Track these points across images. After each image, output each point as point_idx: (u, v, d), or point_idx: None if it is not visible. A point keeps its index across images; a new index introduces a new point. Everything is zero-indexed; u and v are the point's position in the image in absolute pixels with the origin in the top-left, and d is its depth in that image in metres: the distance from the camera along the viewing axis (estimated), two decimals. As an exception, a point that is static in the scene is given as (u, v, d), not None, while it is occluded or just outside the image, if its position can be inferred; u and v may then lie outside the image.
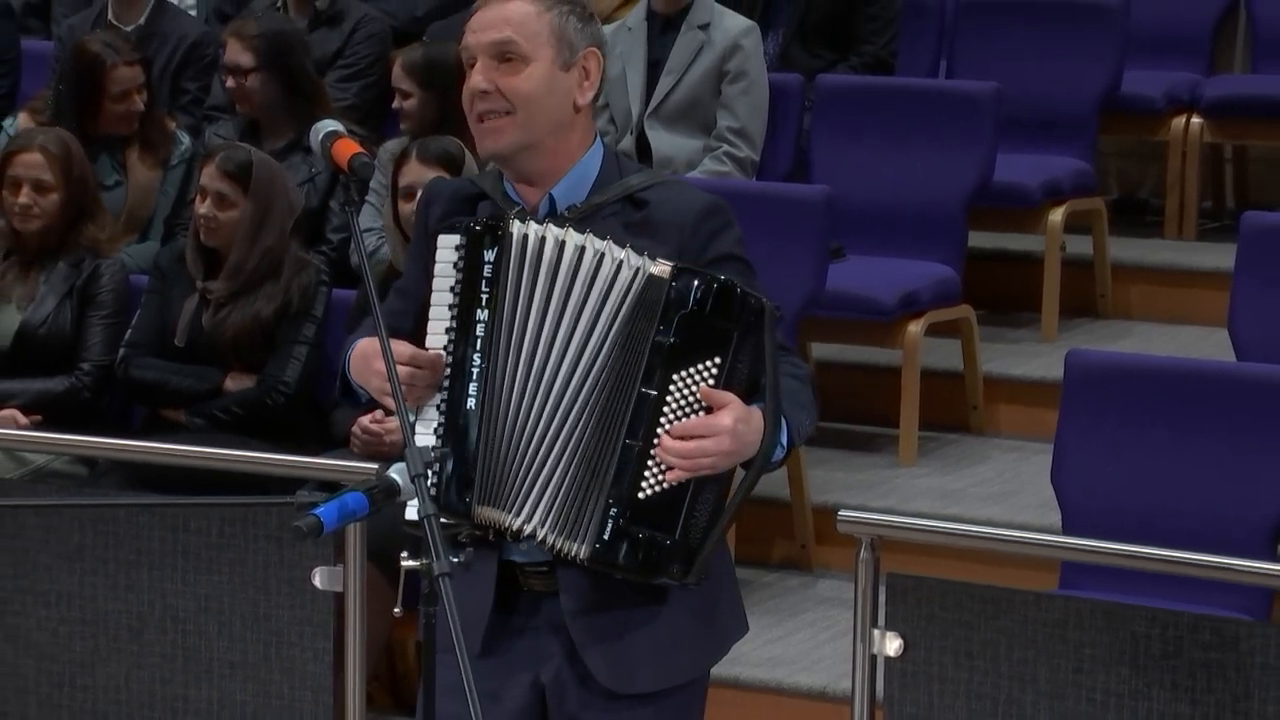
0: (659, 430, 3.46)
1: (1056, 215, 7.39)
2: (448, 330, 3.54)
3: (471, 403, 3.51)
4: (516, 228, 3.52)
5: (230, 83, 7.08)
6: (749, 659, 5.75)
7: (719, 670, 5.51)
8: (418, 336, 3.58)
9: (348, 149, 3.54)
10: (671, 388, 3.46)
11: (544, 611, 3.62)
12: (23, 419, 6.17)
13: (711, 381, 3.46)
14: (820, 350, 7.19)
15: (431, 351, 3.53)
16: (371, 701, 4.99)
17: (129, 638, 4.94)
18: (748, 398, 3.50)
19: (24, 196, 6.33)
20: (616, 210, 3.60)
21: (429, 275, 3.60)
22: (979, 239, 7.40)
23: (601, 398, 3.49)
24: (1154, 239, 8.05)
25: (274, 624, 4.82)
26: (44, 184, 6.36)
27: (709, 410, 3.45)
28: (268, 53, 7.00)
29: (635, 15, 7.39)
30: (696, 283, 3.46)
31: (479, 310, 3.52)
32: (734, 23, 7.29)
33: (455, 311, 3.53)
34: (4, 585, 5.02)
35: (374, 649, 5.31)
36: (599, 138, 3.68)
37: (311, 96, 7.01)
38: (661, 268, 3.47)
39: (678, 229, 3.57)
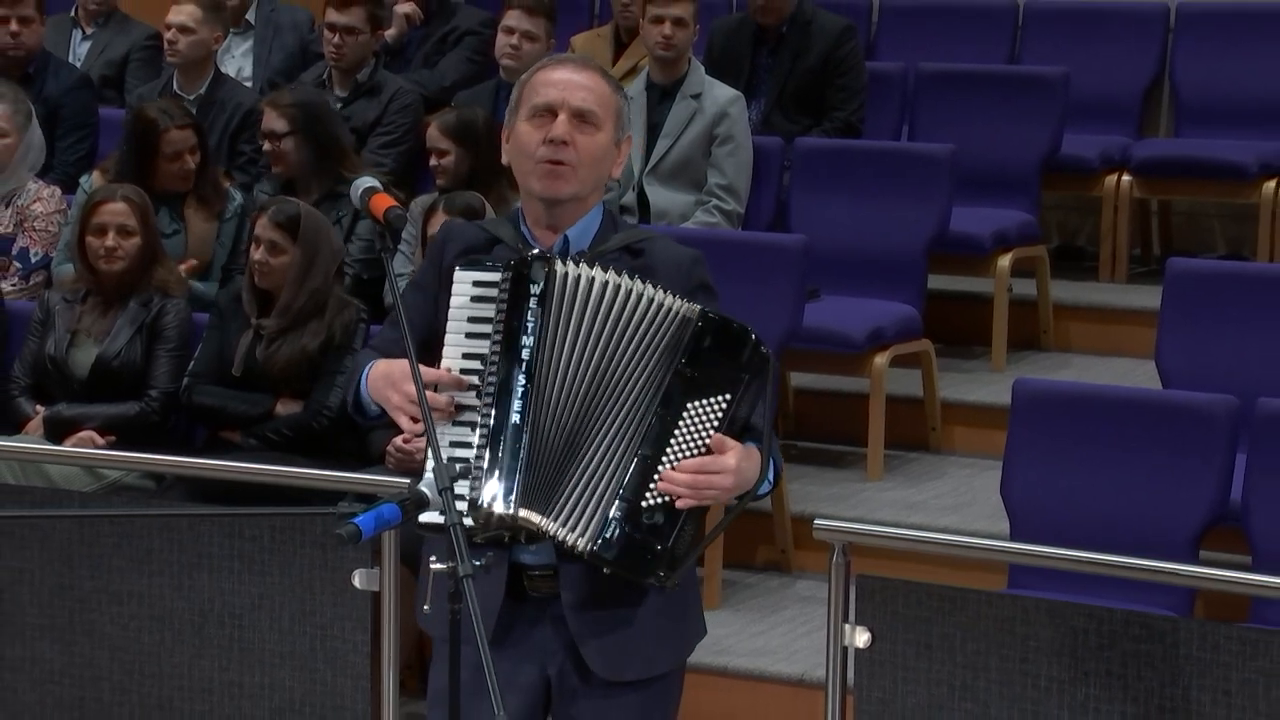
0: (668, 449, 3.47)
1: (1005, 261, 7.38)
2: (482, 356, 3.48)
3: (516, 418, 3.48)
4: (559, 265, 3.52)
5: (267, 146, 7.05)
6: (735, 650, 5.74)
7: (711, 660, 5.57)
8: (422, 359, 3.49)
9: (383, 202, 3.54)
10: (685, 414, 3.48)
11: (548, 610, 3.61)
12: (99, 439, 6.17)
13: (720, 413, 3.48)
14: (798, 379, 7.18)
15: (449, 374, 3.50)
16: (404, 688, 4.97)
17: (191, 632, 4.93)
18: (739, 436, 3.51)
19: (110, 240, 6.34)
20: (617, 257, 3.62)
21: (437, 307, 3.59)
22: (937, 281, 7.39)
23: (629, 416, 3.49)
24: (1090, 282, 8.04)
25: (318, 620, 4.81)
26: (127, 228, 6.36)
27: (709, 444, 3.47)
28: (301, 120, 6.97)
29: (636, 85, 7.40)
30: (720, 327, 3.49)
31: (524, 336, 3.49)
32: (722, 92, 7.29)
33: (500, 336, 3.49)
34: (82, 585, 5.01)
35: (406, 642, 5.29)
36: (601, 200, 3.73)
37: (339, 159, 6.98)
38: (691, 310, 3.50)
39: (670, 273, 3.61)
